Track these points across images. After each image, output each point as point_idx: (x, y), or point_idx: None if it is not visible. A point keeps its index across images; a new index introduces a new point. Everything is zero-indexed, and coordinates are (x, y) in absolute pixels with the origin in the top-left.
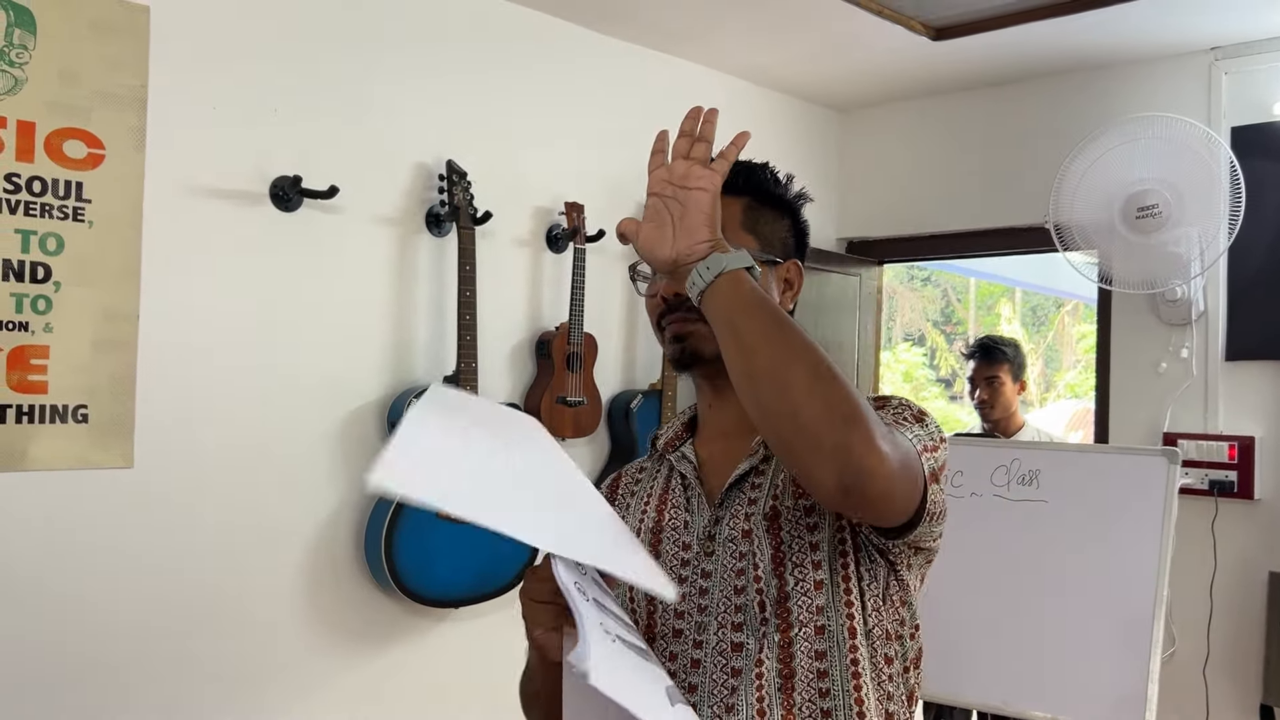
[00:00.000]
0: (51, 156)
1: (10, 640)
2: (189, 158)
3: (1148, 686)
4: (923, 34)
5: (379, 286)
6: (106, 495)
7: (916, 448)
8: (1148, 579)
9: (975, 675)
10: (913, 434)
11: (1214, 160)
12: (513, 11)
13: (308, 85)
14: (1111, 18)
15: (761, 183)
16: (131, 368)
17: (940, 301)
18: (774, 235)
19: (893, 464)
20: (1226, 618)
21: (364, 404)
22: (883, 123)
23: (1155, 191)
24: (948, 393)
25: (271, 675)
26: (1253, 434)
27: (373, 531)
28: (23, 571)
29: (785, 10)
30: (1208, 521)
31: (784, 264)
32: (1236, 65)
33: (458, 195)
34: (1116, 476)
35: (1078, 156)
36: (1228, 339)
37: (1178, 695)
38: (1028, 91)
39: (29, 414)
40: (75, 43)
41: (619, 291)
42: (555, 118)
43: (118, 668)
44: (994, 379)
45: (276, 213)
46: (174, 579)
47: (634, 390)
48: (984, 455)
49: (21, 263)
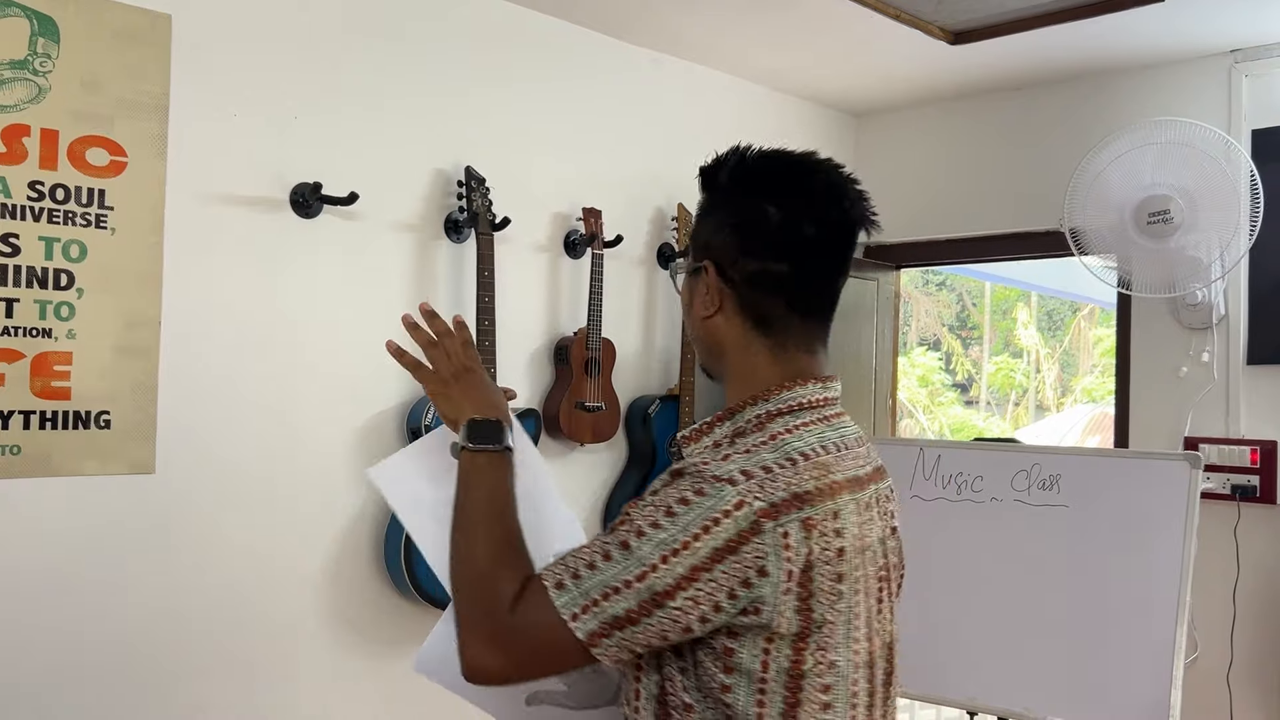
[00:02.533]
0: (74, 164)
1: (34, 644)
2: (210, 165)
3: (1171, 693)
4: (940, 38)
5: (398, 292)
6: (128, 501)
7: (566, 614)
8: (1170, 584)
9: (997, 682)
10: (588, 584)
11: (1230, 164)
12: (531, 18)
13: (328, 92)
14: (1130, 21)
15: (704, 182)
16: (153, 374)
17: (956, 306)
18: (700, 238)
19: (501, 666)
20: (1250, 623)
21: (384, 409)
22: (900, 127)
23: (1166, 197)
24: (963, 397)
25: (292, 678)
26: (1275, 438)
27: (392, 536)
28: (46, 577)
29: (802, 15)
30: (1230, 526)
31: (706, 270)
32: (1257, 68)
33: (476, 201)
34: (1138, 481)
35: (1090, 162)
36: (1249, 343)
37: (1201, 701)
38: (1045, 95)
39: (52, 420)
40: (98, 51)
41: (637, 297)
42: (573, 123)
43: (140, 670)
44: None
45: (296, 219)
46: (195, 583)
47: (652, 395)
48: (1004, 460)
49: (45, 269)
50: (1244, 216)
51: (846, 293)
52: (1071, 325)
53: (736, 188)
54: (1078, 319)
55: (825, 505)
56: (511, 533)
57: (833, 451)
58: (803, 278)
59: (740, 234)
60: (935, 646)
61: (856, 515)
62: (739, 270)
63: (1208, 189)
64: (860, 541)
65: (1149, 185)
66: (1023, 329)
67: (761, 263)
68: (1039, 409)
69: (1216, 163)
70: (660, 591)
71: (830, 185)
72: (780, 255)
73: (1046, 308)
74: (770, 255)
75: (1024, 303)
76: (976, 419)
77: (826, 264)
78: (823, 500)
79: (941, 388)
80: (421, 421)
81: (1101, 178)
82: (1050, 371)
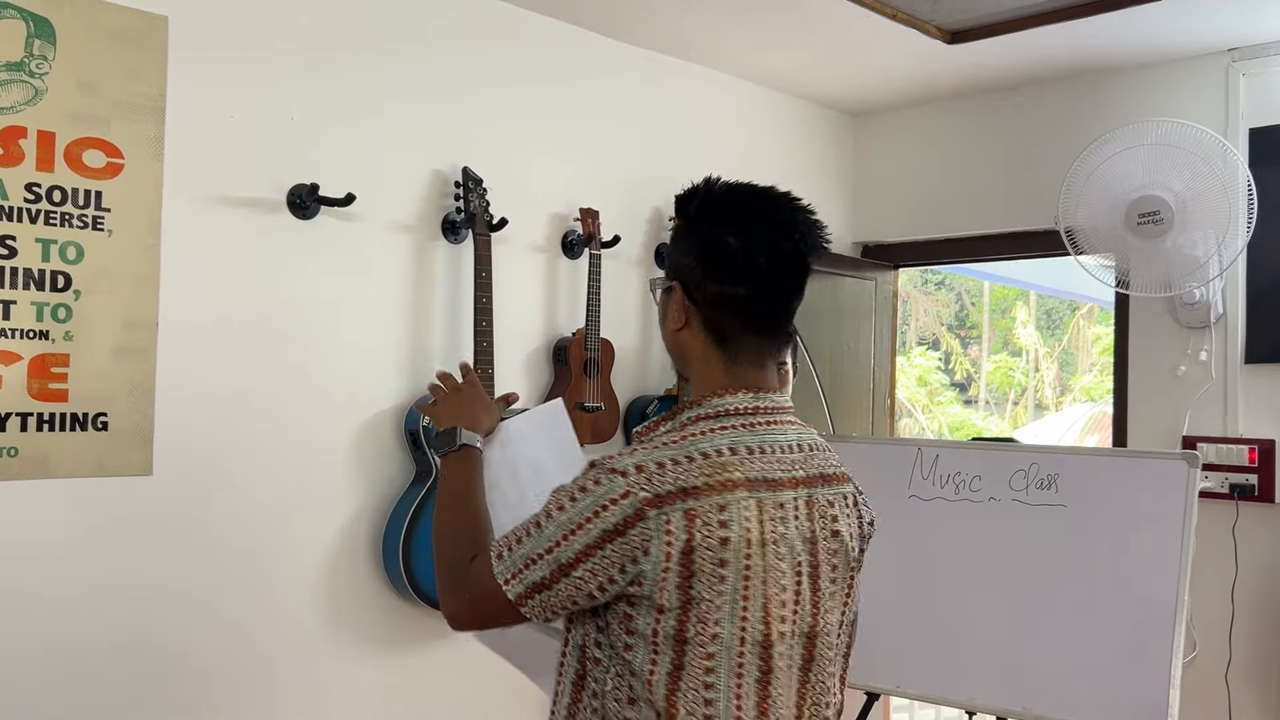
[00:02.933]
0: (71, 166)
1: (30, 646)
2: (207, 166)
3: (1169, 692)
4: (937, 38)
5: (396, 293)
6: (126, 502)
7: (500, 579)
8: (1168, 583)
9: (996, 681)
10: (517, 554)
11: (1223, 163)
12: (528, 19)
13: (324, 93)
14: (1127, 20)
15: (677, 209)
16: (150, 375)
17: (954, 305)
18: (672, 260)
19: (464, 617)
20: (1248, 622)
21: (381, 410)
22: (897, 127)
23: (1156, 198)
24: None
25: (289, 680)
26: (1273, 437)
27: (390, 537)
28: (43, 578)
29: (799, 14)
30: (1228, 525)
31: (675, 289)
32: (1254, 67)
33: (474, 202)
34: (1136, 480)
35: (1082, 163)
36: (1247, 341)
37: (1200, 700)
38: (1043, 95)
39: (49, 422)
40: (94, 53)
41: (635, 297)
42: (570, 124)
43: (136, 673)
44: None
45: (294, 220)
46: (193, 585)
47: (650, 395)
48: (1002, 460)
49: (42, 271)
50: (1238, 215)
51: (844, 293)
52: (1070, 324)
53: (703, 219)
54: (1076, 318)
55: (712, 499)
56: (470, 513)
57: (741, 454)
58: (758, 300)
59: (704, 261)
60: (934, 646)
61: (757, 512)
62: (703, 292)
63: (1201, 189)
64: (761, 535)
65: (1139, 186)
66: (1021, 328)
67: (721, 286)
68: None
69: (1208, 162)
70: (565, 563)
71: (782, 221)
72: (738, 280)
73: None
74: (729, 280)
75: (1023, 302)
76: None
77: (779, 289)
78: (709, 495)
79: (940, 387)
80: (420, 424)
81: (1093, 179)
82: (1049, 370)
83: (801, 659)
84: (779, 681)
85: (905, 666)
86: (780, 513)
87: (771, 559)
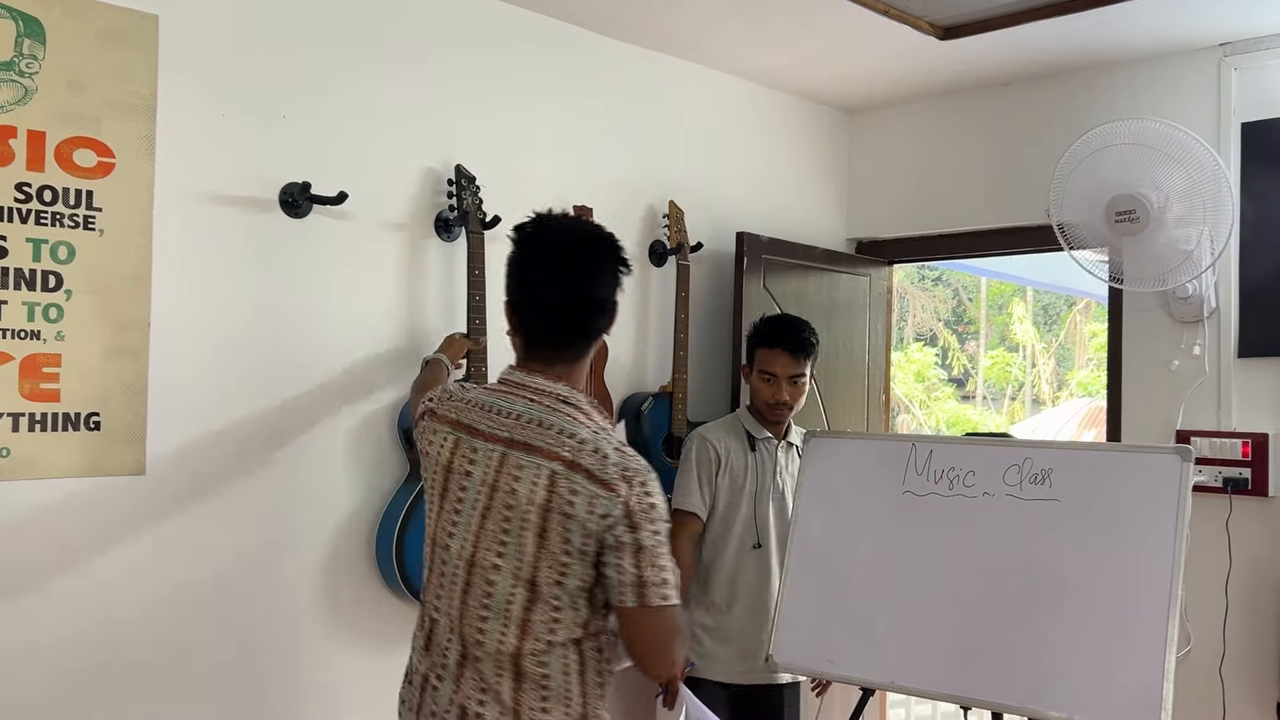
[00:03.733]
0: (62, 165)
1: (23, 646)
2: (198, 165)
3: (1163, 685)
4: (930, 33)
5: (389, 292)
6: (119, 502)
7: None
8: (1162, 577)
9: (990, 676)
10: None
11: (1206, 158)
12: (520, 16)
13: (316, 92)
14: (1119, 15)
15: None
16: (143, 375)
17: (952, 301)
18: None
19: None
20: (1242, 615)
21: (375, 409)
22: (891, 123)
23: (1131, 196)
24: (959, 392)
25: (284, 678)
26: (1266, 431)
27: (384, 535)
28: (36, 578)
29: (792, 11)
30: (1222, 519)
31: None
32: (1246, 61)
33: (467, 200)
34: (1129, 475)
35: (1066, 159)
36: (1240, 335)
37: (1194, 694)
38: (1036, 90)
39: (41, 422)
40: (84, 52)
41: (629, 295)
42: (563, 122)
43: (131, 673)
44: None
45: (286, 219)
46: (186, 584)
47: (644, 393)
48: (996, 455)
49: (33, 271)
50: (1226, 211)
51: (839, 289)
52: (1067, 319)
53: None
54: (1073, 313)
55: (433, 423)
56: None
57: (474, 405)
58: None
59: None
60: (928, 641)
61: (449, 443)
62: None
63: (1185, 185)
64: (439, 459)
65: (1116, 185)
66: (1018, 323)
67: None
68: (1035, 403)
69: (1193, 157)
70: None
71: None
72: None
73: (1042, 302)
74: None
75: (1020, 297)
76: (972, 414)
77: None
78: (435, 419)
79: (938, 382)
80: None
81: (1074, 177)
82: (1046, 366)
83: (464, 581)
84: (446, 582)
85: (900, 661)
86: (467, 452)
87: (442, 481)
